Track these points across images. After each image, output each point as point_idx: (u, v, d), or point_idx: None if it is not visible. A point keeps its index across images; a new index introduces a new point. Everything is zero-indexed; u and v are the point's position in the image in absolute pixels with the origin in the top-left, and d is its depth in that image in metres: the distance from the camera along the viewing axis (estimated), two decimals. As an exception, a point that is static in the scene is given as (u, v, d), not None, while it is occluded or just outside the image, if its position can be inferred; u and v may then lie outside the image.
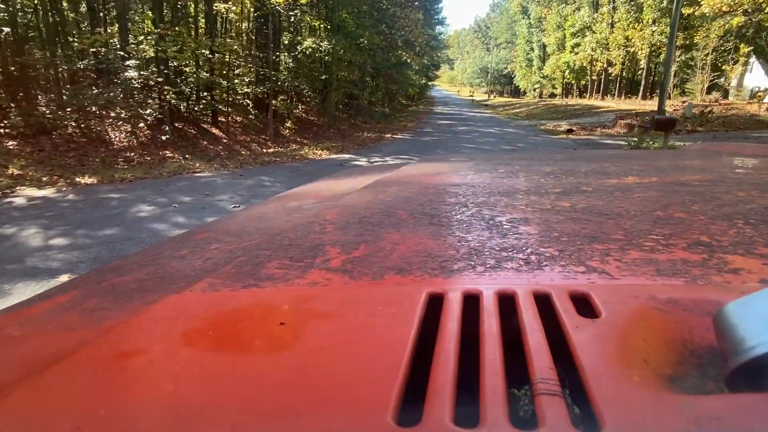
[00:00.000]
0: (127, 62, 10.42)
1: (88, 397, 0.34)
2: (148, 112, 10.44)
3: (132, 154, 9.73)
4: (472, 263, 0.55)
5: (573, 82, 39.53)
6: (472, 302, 0.44)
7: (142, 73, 10.53)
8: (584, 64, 35.44)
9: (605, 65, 32.58)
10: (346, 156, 11.90)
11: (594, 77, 35.49)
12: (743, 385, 0.29)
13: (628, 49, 29.08)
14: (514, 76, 56.81)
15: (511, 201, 0.90)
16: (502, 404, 0.29)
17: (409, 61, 25.84)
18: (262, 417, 0.30)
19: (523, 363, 0.34)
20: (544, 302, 0.43)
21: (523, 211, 0.80)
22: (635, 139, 11.29)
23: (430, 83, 53.40)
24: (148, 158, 9.77)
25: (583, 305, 0.42)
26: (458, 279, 0.51)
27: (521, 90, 56.36)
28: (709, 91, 21.93)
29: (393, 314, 0.43)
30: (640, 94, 27.89)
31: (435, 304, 0.44)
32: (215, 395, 0.33)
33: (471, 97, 52.33)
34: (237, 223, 1.03)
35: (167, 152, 10.39)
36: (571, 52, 37.07)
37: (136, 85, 10.41)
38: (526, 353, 0.35)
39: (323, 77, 17.56)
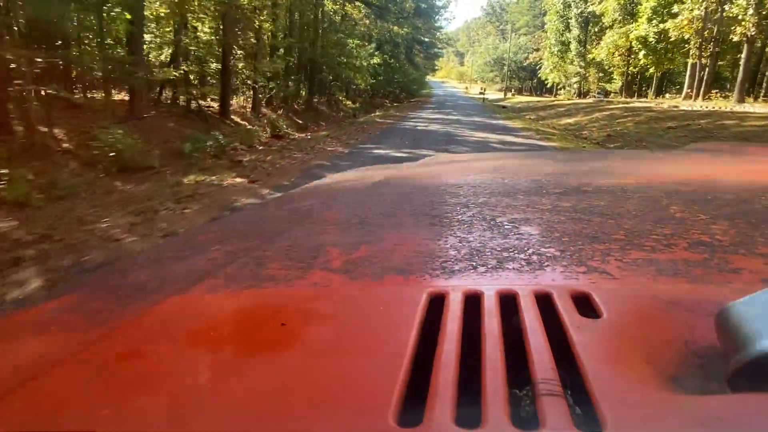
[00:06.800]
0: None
1: (91, 398, 0.35)
2: None
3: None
4: (474, 263, 0.55)
5: (652, 68, 23.63)
6: (473, 302, 0.44)
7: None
8: (687, 36, 19.77)
9: (750, 32, 16.67)
10: None
11: (704, 60, 19.75)
12: (745, 385, 0.29)
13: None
14: (539, 68, 40.50)
15: (513, 201, 0.90)
16: (503, 405, 0.29)
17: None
18: (264, 417, 0.31)
19: (524, 363, 0.34)
20: (545, 302, 0.43)
21: (525, 212, 0.80)
22: None
23: (423, 76, 37.79)
24: None
25: (585, 305, 0.42)
26: (459, 279, 0.51)
27: (548, 85, 40.27)
28: None
29: (394, 315, 0.44)
30: None
31: (436, 304, 0.44)
32: (217, 396, 0.33)
33: (482, 96, 35.96)
34: (238, 224, 1.03)
35: None
36: (651, 20, 21.48)
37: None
38: (527, 353, 0.35)
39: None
